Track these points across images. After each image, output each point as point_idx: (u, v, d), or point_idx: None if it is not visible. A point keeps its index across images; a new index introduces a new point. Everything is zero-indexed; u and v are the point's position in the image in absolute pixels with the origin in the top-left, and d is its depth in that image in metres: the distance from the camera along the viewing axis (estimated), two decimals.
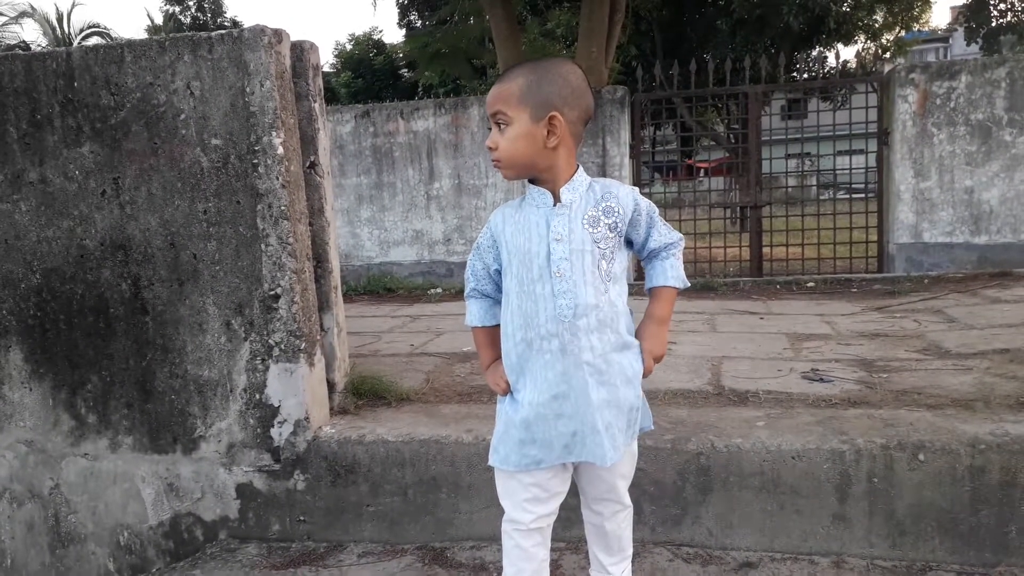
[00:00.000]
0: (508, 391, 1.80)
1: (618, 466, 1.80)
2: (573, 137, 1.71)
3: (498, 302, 1.87)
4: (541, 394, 1.71)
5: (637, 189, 1.80)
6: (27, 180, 2.70)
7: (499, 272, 1.82)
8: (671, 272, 1.83)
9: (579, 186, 1.72)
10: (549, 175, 1.71)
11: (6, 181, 2.71)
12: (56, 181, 2.68)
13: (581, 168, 1.75)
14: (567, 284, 1.67)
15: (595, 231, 1.70)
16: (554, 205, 1.71)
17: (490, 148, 1.70)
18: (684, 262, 1.92)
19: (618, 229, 1.72)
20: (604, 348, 1.70)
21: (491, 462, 1.82)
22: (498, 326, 1.86)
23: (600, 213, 1.71)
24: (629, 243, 1.81)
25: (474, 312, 1.90)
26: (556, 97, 1.66)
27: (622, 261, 1.76)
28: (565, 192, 1.71)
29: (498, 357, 1.88)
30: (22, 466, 2.89)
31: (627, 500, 1.91)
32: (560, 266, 1.68)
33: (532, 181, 1.74)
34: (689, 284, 1.90)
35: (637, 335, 1.81)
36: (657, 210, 1.82)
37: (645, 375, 1.80)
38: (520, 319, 1.72)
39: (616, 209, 1.72)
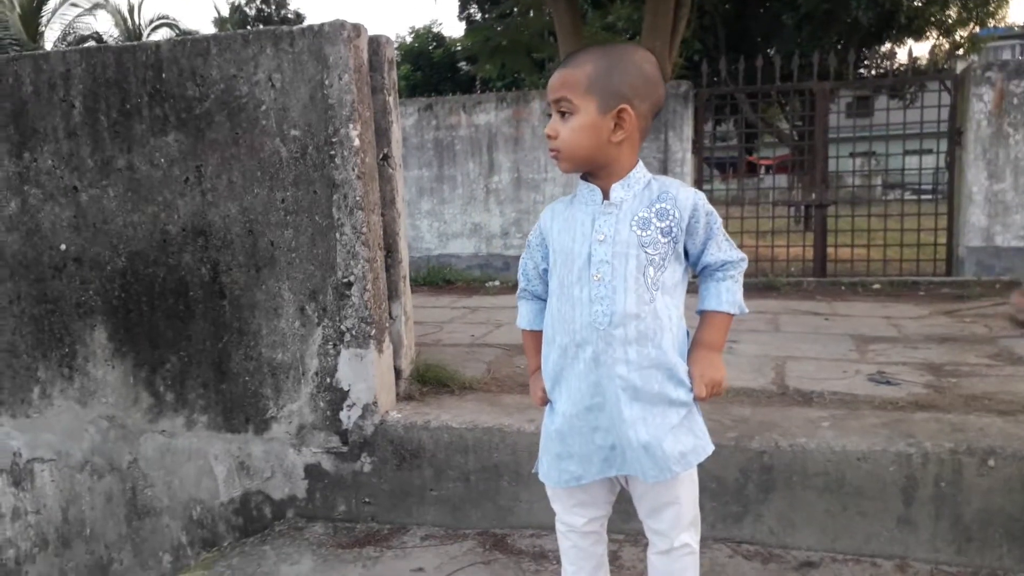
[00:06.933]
0: (544, 402, 1.72)
1: (667, 489, 1.64)
2: (640, 132, 1.58)
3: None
4: (575, 405, 1.62)
5: (702, 194, 1.62)
6: (115, 167, 2.83)
7: (547, 272, 1.71)
8: (725, 296, 1.64)
9: (635, 184, 1.59)
10: (606, 171, 1.59)
11: (96, 168, 2.84)
12: (142, 168, 2.80)
13: (641, 164, 1.61)
14: (605, 289, 1.55)
15: (644, 234, 1.56)
16: (602, 202, 1.60)
17: (549, 136, 1.58)
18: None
19: (672, 234, 1.57)
20: (642, 363, 1.56)
21: (536, 472, 1.75)
22: None
23: (652, 215, 1.56)
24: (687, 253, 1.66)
25: (523, 314, 1.80)
26: (628, 87, 1.53)
27: (676, 271, 1.61)
28: (616, 189, 1.59)
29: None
30: (103, 440, 3.03)
31: (682, 538, 1.68)
32: (600, 269, 1.56)
33: (586, 175, 1.63)
34: (747, 311, 1.70)
35: (687, 360, 1.64)
36: (720, 221, 1.65)
37: (698, 397, 1.63)
38: (559, 323, 1.62)
39: (671, 212, 1.57)
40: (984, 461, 2.27)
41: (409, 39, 33.56)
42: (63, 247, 2.92)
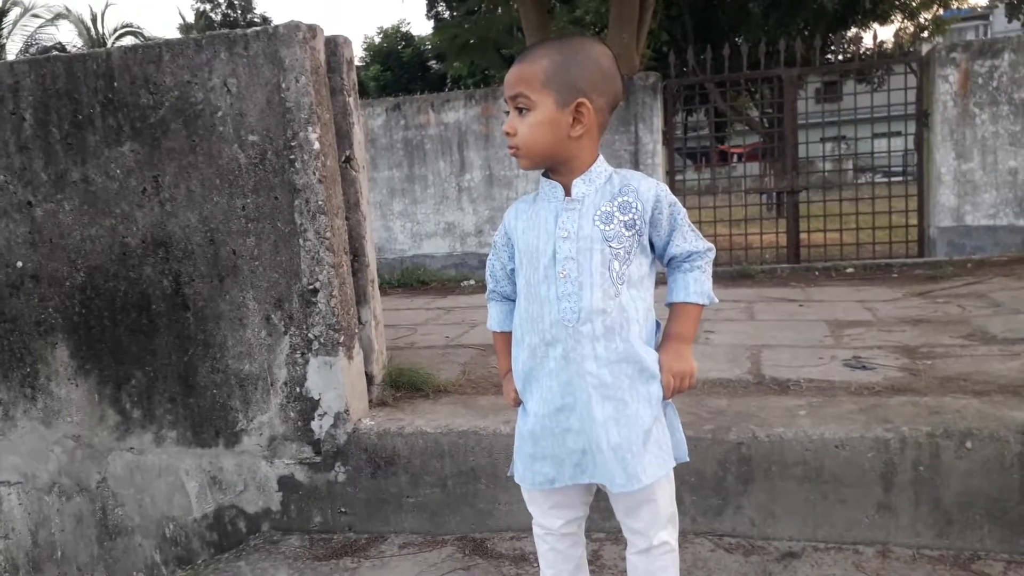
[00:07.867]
0: (518, 403, 1.70)
1: (643, 488, 1.58)
2: (599, 126, 1.56)
3: None
4: (546, 405, 1.59)
5: (665, 186, 1.60)
6: (70, 180, 2.75)
7: (515, 271, 1.69)
8: (693, 286, 1.62)
9: (596, 178, 1.57)
10: (566, 167, 1.57)
11: (50, 181, 2.77)
12: (98, 180, 2.73)
13: (602, 158, 1.60)
14: (572, 286, 1.53)
15: (607, 228, 1.53)
16: (564, 198, 1.58)
17: (507, 134, 1.55)
18: (719, 249, 1.72)
19: (636, 227, 1.55)
20: (610, 357, 1.54)
21: (511, 474, 1.73)
22: None
23: (615, 209, 1.54)
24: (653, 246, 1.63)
25: (493, 316, 1.79)
26: (585, 82, 1.50)
27: (642, 264, 1.59)
28: (578, 185, 1.56)
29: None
30: (70, 460, 2.95)
31: (660, 536, 1.66)
32: (565, 266, 1.54)
33: (547, 172, 1.61)
34: (717, 301, 1.67)
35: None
36: (684, 212, 1.62)
37: (665, 396, 1.61)
38: (528, 323, 1.61)
39: (634, 205, 1.55)
40: (962, 443, 2.26)
41: (378, 39, 33.37)
42: (19, 264, 2.84)
